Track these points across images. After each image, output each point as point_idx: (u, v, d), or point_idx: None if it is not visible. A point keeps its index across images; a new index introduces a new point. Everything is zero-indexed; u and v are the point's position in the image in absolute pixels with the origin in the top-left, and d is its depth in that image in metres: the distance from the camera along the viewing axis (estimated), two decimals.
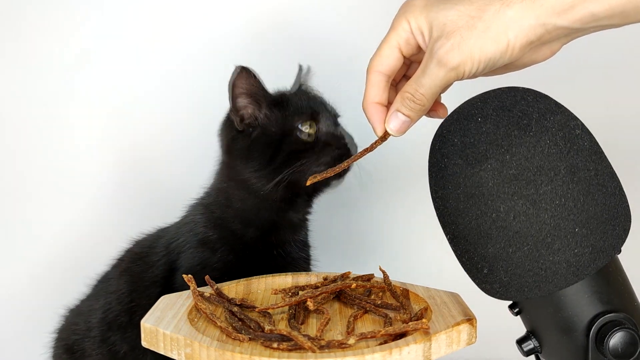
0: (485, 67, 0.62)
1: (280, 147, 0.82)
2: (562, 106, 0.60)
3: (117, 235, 0.98)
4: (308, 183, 0.75)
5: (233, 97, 0.83)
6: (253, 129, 0.84)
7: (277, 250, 0.87)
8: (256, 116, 0.84)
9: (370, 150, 0.72)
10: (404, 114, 0.67)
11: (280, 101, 0.85)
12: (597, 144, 0.59)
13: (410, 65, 0.72)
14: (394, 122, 0.67)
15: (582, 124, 0.59)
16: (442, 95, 0.70)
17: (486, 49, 0.60)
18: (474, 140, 0.58)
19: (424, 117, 0.68)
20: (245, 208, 0.86)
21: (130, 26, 1.19)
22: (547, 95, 0.61)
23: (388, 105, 0.69)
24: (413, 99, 0.65)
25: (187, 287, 0.74)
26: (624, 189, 0.59)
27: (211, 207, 0.88)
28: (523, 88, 0.61)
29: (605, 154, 0.59)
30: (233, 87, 0.82)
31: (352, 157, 0.73)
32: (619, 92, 1.17)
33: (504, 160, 0.56)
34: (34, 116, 1.20)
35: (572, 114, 0.59)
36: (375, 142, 0.71)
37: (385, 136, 0.69)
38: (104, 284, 0.95)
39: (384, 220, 1.24)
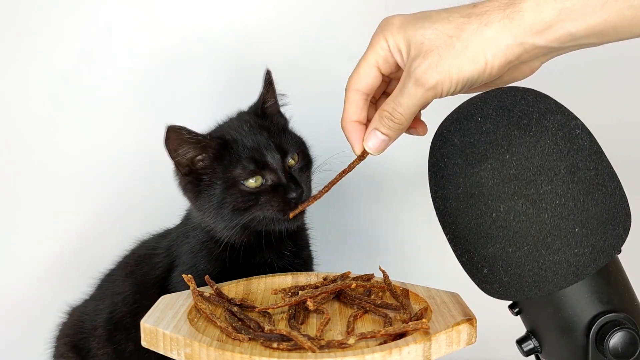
0: (463, 86, 0.62)
1: (225, 200, 0.79)
2: (562, 106, 0.60)
3: (118, 235, 0.98)
4: (291, 216, 0.76)
5: (171, 155, 0.79)
6: (199, 177, 0.80)
7: (260, 268, 0.84)
8: (202, 165, 0.80)
9: (349, 171, 0.72)
10: (382, 132, 0.67)
11: (222, 149, 0.80)
12: (597, 143, 0.59)
13: (390, 82, 0.72)
14: (372, 141, 0.67)
15: (582, 124, 0.59)
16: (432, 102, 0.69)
17: (464, 68, 0.60)
18: (474, 140, 0.58)
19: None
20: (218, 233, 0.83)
21: (131, 28, 1.19)
22: (547, 95, 0.61)
23: (367, 123, 0.69)
24: (391, 118, 0.65)
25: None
26: (624, 189, 0.59)
27: (195, 222, 0.86)
28: (523, 88, 0.61)
29: (605, 153, 0.59)
30: (167, 146, 0.78)
31: (332, 180, 0.73)
32: (619, 91, 1.17)
33: (503, 160, 0.56)
34: (36, 117, 1.20)
35: (572, 113, 0.59)
36: (354, 161, 0.71)
37: (363, 155, 0.69)
38: (109, 284, 0.95)
39: (384, 220, 1.24)
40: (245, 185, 0.79)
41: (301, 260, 0.87)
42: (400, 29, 0.64)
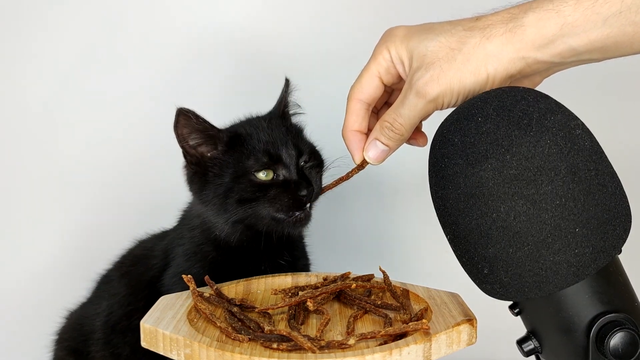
0: (464, 99, 0.62)
1: (232, 189, 0.78)
2: (563, 106, 0.60)
3: (118, 236, 0.98)
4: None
5: (179, 140, 0.78)
6: (207, 168, 0.80)
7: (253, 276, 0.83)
8: (211, 156, 0.80)
9: (347, 179, 0.72)
10: (382, 142, 0.67)
11: (236, 140, 0.80)
12: (598, 143, 0.59)
13: (392, 92, 0.72)
14: (372, 151, 0.68)
15: (583, 124, 0.59)
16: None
17: (465, 81, 0.61)
18: (474, 140, 0.58)
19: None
20: (216, 236, 0.83)
21: (131, 27, 1.19)
22: (547, 95, 0.60)
23: (368, 132, 0.69)
24: (392, 129, 0.66)
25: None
26: (624, 189, 0.59)
27: (191, 223, 0.86)
28: (523, 88, 0.61)
29: (606, 154, 0.59)
30: (176, 130, 0.77)
31: (327, 185, 0.73)
32: (619, 91, 1.17)
33: (504, 160, 0.56)
34: (35, 117, 1.20)
35: (572, 113, 0.59)
36: (353, 170, 0.71)
37: (363, 164, 0.70)
38: (106, 286, 0.95)
39: (384, 221, 1.24)
40: (255, 176, 0.78)
41: (296, 270, 0.86)
42: (403, 40, 0.64)
